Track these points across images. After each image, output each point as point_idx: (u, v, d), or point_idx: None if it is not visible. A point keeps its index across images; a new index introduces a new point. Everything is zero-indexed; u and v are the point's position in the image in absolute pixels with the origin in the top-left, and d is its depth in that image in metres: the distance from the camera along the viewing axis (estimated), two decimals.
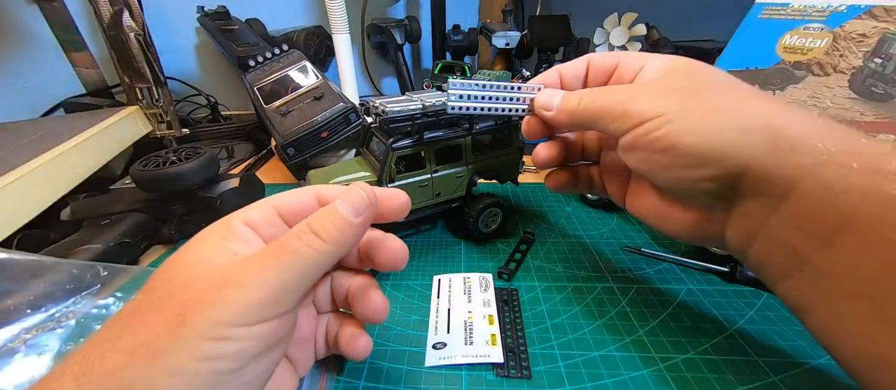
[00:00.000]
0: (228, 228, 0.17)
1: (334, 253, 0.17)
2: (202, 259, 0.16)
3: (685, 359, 0.24)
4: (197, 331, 0.14)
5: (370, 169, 0.34)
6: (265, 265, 0.15)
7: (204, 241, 0.17)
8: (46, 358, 0.22)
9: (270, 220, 0.19)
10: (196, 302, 0.14)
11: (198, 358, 0.13)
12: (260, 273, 0.15)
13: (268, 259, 0.16)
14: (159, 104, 0.54)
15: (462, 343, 0.26)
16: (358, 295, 0.21)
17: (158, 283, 0.16)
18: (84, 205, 0.38)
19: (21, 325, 0.23)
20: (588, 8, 0.75)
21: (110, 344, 0.14)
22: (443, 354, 0.25)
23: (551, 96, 0.24)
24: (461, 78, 0.26)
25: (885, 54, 0.39)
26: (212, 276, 0.15)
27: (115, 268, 0.28)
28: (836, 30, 0.43)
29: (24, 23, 0.62)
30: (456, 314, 0.28)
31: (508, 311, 0.28)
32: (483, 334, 0.26)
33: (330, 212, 0.17)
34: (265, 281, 0.15)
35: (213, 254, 0.16)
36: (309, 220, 0.17)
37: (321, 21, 0.78)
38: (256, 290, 0.15)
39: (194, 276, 0.15)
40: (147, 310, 0.14)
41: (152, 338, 0.13)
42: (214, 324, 0.14)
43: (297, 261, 0.16)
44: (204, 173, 0.36)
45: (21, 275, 0.25)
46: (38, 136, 0.42)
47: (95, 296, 0.26)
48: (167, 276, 0.16)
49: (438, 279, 0.32)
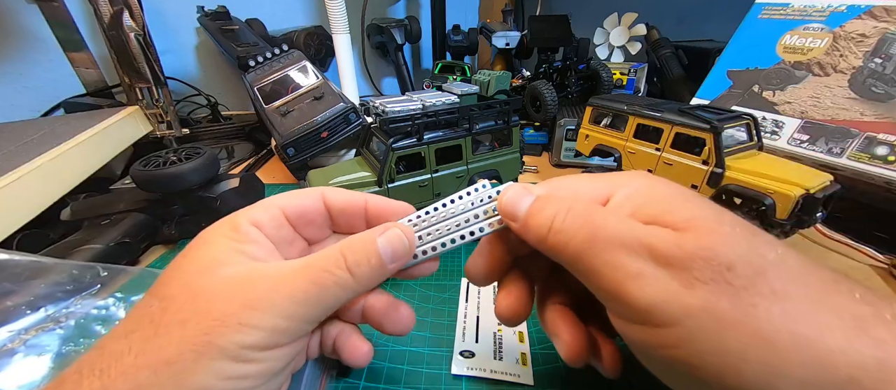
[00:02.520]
0: (236, 229, 0.17)
1: (360, 292, 0.17)
2: (219, 264, 0.16)
3: None
4: (224, 353, 0.14)
5: (370, 169, 0.34)
6: (292, 293, 0.15)
7: (213, 243, 0.17)
8: (46, 359, 0.22)
9: (277, 222, 0.19)
10: (223, 324, 0.14)
11: (223, 378, 0.14)
12: (287, 302, 0.15)
13: (297, 286, 0.15)
14: (159, 104, 0.54)
15: (491, 356, 0.25)
16: (387, 312, 0.19)
17: (174, 289, 0.15)
18: (84, 205, 0.38)
19: (20, 326, 0.23)
20: (588, 8, 0.75)
21: (132, 357, 0.13)
22: (471, 364, 0.24)
23: (516, 199, 0.17)
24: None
25: (885, 54, 0.39)
26: (238, 292, 0.15)
27: (114, 268, 0.28)
28: (836, 30, 0.43)
29: (24, 23, 0.62)
30: (485, 323, 0.27)
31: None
32: (513, 351, 0.25)
33: (367, 249, 0.17)
34: (292, 312, 0.15)
35: (229, 259, 0.16)
36: (345, 254, 0.16)
37: (321, 21, 0.78)
38: (283, 319, 0.15)
39: (217, 290, 0.15)
40: (169, 322, 0.14)
41: (178, 357, 0.13)
42: (241, 347, 0.14)
43: (325, 296, 0.16)
44: (204, 173, 0.36)
45: (21, 275, 0.25)
46: (38, 136, 0.42)
47: (95, 297, 0.26)
48: (184, 281, 0.15)
49: (467, 282, 0.31)
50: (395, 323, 0.19)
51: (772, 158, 0.35)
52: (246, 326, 0.14)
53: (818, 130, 0.40)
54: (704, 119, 0.33)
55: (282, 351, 0.15)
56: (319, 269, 0.16)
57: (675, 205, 0.15)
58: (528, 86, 0.58)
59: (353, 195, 0.21)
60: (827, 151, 0.39)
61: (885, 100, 0.37)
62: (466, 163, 0.34)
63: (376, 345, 0.26)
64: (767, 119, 0.44)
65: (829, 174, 0.32)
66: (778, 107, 0.44)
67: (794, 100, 0.43)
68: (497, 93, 0.59)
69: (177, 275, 0.16)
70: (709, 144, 0.33)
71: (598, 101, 0.43)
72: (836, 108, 0.40)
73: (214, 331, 0.14)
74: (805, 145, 0.40)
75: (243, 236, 0.17)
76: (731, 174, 0.32)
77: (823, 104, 0.41)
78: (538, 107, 0.57)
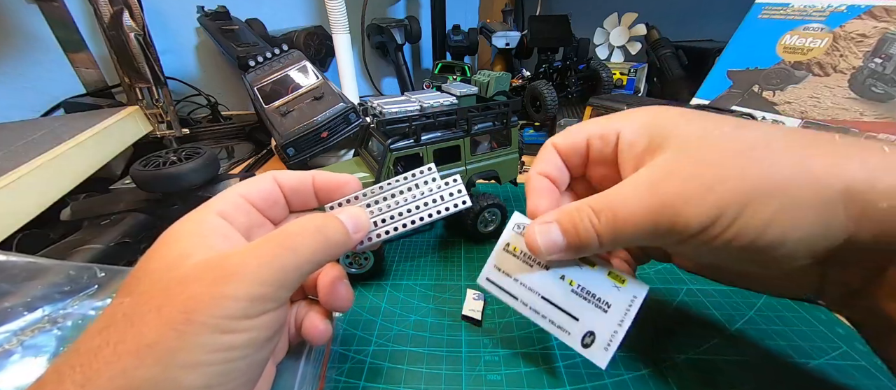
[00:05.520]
0: (203, 223, 0.18)
1: (328, 256, 0.18)
2: (186, 256, 0.16)
3: (685, 359, 0.24)
4: (206, 327, 0.14)
5: (368, 169, 0.34)
6: (264, 260, 0.16)
7: (181, 240, 0.17)
8: (43, 360, 0.22)
9: (243, 209, 0.19)
10: (198, 299, 0.14)
11: (210, 351, 0.14)
12: (260, 269, 0.15)
13: (267, 253, 0.16)
14: (159, 104, 0.54)
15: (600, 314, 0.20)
16: (326, 286, 0.21)
17: (144, 284, 0.15)
18: (84, 205, 0.38)
19: (17, 326, 0.23)
20: (588, 8, 0.75)
21: (111, 348, 0.14)
22: (602, 342, 0.20)
23: (547, 234, 0.19)
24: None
25: (885, 54, 0.39)
26: (208, 270, 0.15)
27: (112, 269, 0.28)
28: (836, 30, 0.43)
29: (24, 23, 0.62)
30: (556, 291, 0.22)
31: None
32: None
33: (334, 220, 0.19)
34: (266, 277, 0.16)
35: (197, 251, 0.16)
36: (314, 221, 0.18)
37: (321, 21, 0.78)
38: (258, 286, 0.15)
39: (188, 274, 0.15)
40: (144, 311, 0.14)
41: (159, 339, 0.13)
42: (220, 318, 0.14)
43: (297, 257, 0.17)
44: (204, 173, 0.36)
45: (17, 276, 0.25)
46: (38, 136, 0.42)
47: (92, 298, 0.26)
48: (153, 276, 0.15)
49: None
50: (335, 298, 0.21)
51: None
52: (222, 298, 0.14)
53: (818, 130, 0.40)
54: None
55: (264, 318, 0.16)
56: (288, 235, 0.17)
57: (676, 126, 0.17)
58: (528, 86, 0.58)
59: (300, 174, 0.21)
60: None
61: (885, 100, 0.37)
62: (465, 164, 0.34)
63: (376, 345, 0.26)
64: (767, 119, 0.44)
65: None
66: (778, 108, 0.44)
67: (794, 101, 0.43)
68: (496, 94, 0.59)
69: (145, 273, 0.16)
70: None
71: (598, 101, 0.43)
72: (835, 108, 0.40)
73: (192, 309, 0.14)
74: None
75: (207, 228, 0.17)
76: None
77: (823, 104, 0.41)
78: (538, 107, 0.57)
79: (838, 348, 0.25)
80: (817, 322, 0.27)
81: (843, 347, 0.25)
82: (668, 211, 0.16)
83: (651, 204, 0.16)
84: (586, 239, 0.18)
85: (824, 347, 0.25)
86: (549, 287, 0.20)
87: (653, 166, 0.17)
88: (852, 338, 0.25)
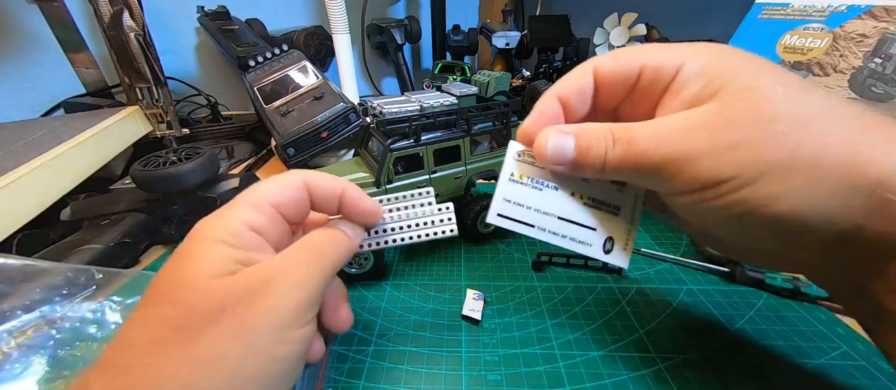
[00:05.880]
0: (233, 234, 0.17)
1: (345, 261, 0.20)
2: (224, 270, 0.16)
3: (685, 359, 0.24)
4: (267, 338, 0.15)
5: (368, 169, 0.34)
6: (304, 271, 0.17)
7: (211, 252, 0.16)
8: (41, 361, 0.22)
9: (273, 219, 0.19)
10: (256, 310, 0.15)
11: (272, 360, 0.15)
12: (302, 278, 0.17)
13: (305, 264, 0.17)
14: (159, 104, 0.54)
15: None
16: (332, 310, 0.21)
17: (191, 294, 0.15)
18: (84, 205, 0.38)
19: (13, 327, 0.23)
20: (588, 8, 0.75)
21: (184, 364, 0.14)
22: (620, 244, 0.21)
23: (559, 144, 0.18)
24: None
25: (885, 54, 0.39)
26: (258, 283, 0.16)
27: (109, 271, 0.28)
28: (836, 30, 0.43)
29: (24, 23, 0.62)
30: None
31: None
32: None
33: (342, 235, 0.21)
34: (308, 282, 0.17)
35: (232, 264, 0.16)
36: (330, 233, 0.20)
37: (321, 21, 0.78)
38: (303, 291, 0.17)
39: (237, 287, 0.15)
40: (202, 325, 0.14)
41: (229, 350, 0.14)
42: (279, 329, 0.15)
43: (328, 265, 0.18)
44: (204, 173, 0.36)
45: (15, 278, 0.25)
46: (38, 136, 0.42)
47: (90, 300, 0.26)
48: (201, 287, 0.15)
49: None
50: (338, 319, 0.21)
51: None
52: (276, 308, 0.15)
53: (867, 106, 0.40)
54: None
55: (308, 328, 0.17)
56: (318, 244, 0.19)
57: (735, 76, 0.16)
58: (528, 86, 0.58)
59: (332, 181, 0.21)
60: None
61: (885, 101, 0.37)
62: (465, 164, 0.34)
63: (376, 345, 0.26)
64: None
65: None
66: None
67: None
68: (496, 94, 0.59)
69: (184, 281, 0.15)
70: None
71: None
72: None
73: (251, 319, 0.15)
74: None
75: (240, 241, 0.17)
76: None
77: None
78: None
79: (838, 348, 0.25)
80: (817, 322, 0.27)
81: (843, 347, 0.25)
82: (683, 159, 0.15)
83: (668, 147, 0.16)
84: (592, 162, 0.17)
85: (824, 347, 0.25)
86: (563, 206, 0.20)
87: (693, 113, 0.16)
88: (852, 338, 0.25)
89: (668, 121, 0.16)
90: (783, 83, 0.15)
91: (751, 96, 0.15)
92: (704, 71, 0.16)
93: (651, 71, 0.17)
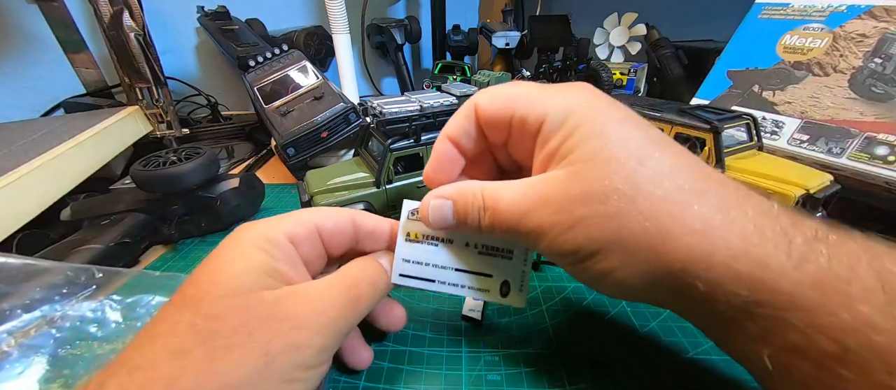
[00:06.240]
0: (273, 243, 0.18)
1: (376, 305, 0.20)
2: (260, 285, 0.16)
3: (685, 359, 0.24)
4: (279, 374, 0.15)
5: (368, 169, 0.34)
6: (337, 311, 0.17)
7: (249, 257, 0.17)
8: (41, 361, 0.22)
9: (312, 239, 0.19)
10: (278, 343, 0.15)
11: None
12: (333, 320, 0.17)
13: (339, 304, 0.17)
14: (159, 104, 0.54)
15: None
16: (383, 310, 0.23)
17: (221, 310, 0.15)
18: (84, 205, 0.38)
19: (14, 326, 0.23)
20: (588, 8, 0.75)
21: (190, 381, 0.14)
22: (516, 285, 0.22)
23: (439, 209, 0.19)
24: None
25: (885, 54, 0.39)
26: (289, 312, 0.16)
27: (109, 270, 0.28)
28: (836, 30, 0.43)
29: (24, 23, 0.62)
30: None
31: None
32: None
33: (380, 269, 0.20)
34: (336, 328, 0.17)
35: (267, 279, 0.16)
36: (367, 273, 0.19)
37: (321, 21, 0.78)
38: (330, 337, 0.16)
39: (266, 313, 0.15)
40: (224, 345, 0.14)
41: (240, 381, 0.14)
42: (294, 367, 0.15)
43: (360, 310, 0.18)
44: (204, 173, 0.36)
45: (15, 277, 0.25)
46: (38, 136, 0.42)
47: (90, 299, 0.26)
48: (229, 303, 0.15)
49: None
50: (390, 321, 0.22)
51: (772, 158, 0.35)
52: (299, 346, 0.15)
53: (818, 130, 0.40)
54: (704, 119, 0.33)
55: (322, 368, 0.17)
56: (356, 286, 0.18)
57: (586, 138, 0.16)
58: None
59: (382, 222, 0.22)
60: (827, 151, 0.39)
61: (885, 100, 0.37)
62: None
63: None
64: (767, 119, 0.44)
65: (829, 174, 0.32)
66: (778, 108, 0.44)
67: (794, 101, 0.43)
68: None
69: (215, 289, 0.16)
70: (709, 144, 0.33)
71: None
72: (835, 108, 0.40)
73: (271, 351, 0.15)
74: (805, 145, 0.40)
75: (279, 251, 0.18)
76: (731, 174, 0.32)
77: (823, 104, 0.41)
78: None
79: None
80: None
81: None
82: (537, 232, 0.17)
83: (527, 221, 0.17)
84: (471, 225, 0.19)
85: None
86: (458, 257, 0.21)
87: (545, 183, 0.17)
88: None
89: (525, 189, 0.17)
90: (625, 148, 0.16)
91: (590, 169, 0.16)
92: (563, 124, 0.17)
93: (518, 120, 0.18)
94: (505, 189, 0.18)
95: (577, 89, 0.18)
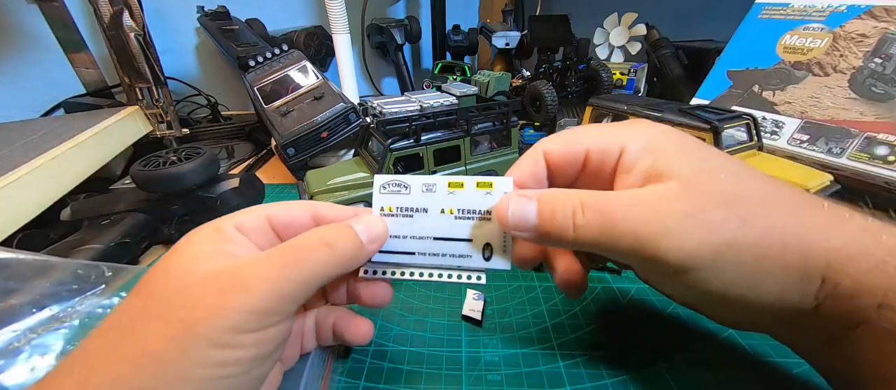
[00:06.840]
0: (220, 231, 0.17)
1: (338, 268, 0.18)
2: (198, 261, 0.16)
3: (685, 359, 0.24)
4: (205, 339, 0.14)
5: (368, 169, 0.34)
6: (270, 272, 0.15)
7: (196, 245, 0.17)
8: (50, 358, 0.22)
9: (263, 229, 0.19)
10: (201, 309, 0.14)
11: (207, 365, 0.14)
12: (265, 282, 0.15)
13: (274, 265, 0.16)
14: (159, 104, 0.54)
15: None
16: (366, 286, 0.22)
17: (155, 287, 0.15)
18: (84, 205, 0.38)
19: (25, 324, 0.23)
20: (588, 8, 0.75)
21: (115, 352, 0.14)
22: (498, 248, 0.21)
23: (520, 209, 0.17)
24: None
25: (885, 54, 0.39)
26: (214, 280, 0.15)
27: (119, 267, 0.28)
28: (836, 30, 0.43)
29: (24, 23, 0.62)
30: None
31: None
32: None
33: (345, 230, 0.18)
34: (271, 290, 0.15)
35: (209, 258, 0.16)
36: (323, 233, 0.18)
37: (321, 21, 0.78)
38: (261, 300, 0.15)
39: (194, 281, 0.15)
40: (148, 317, 0.14)
41: (160, 348, 0.13)
42: (221, 331, 0.14)
43: (304, 271, 0.16)
44: (204, 173, 0.36)
45: (25, 274, 0.25)
46: (38, 136, 0.42)
47: (100, 296, 0.26)
48: (164, 279, 0.15)
49: None
50: (374, 296, 0.22)
51: (772, 158, 0.35)
52: (226, 309, 0.14)
53: (818, 130, 0.40)
54: (705, 119, 0.34)
55: (268, 332, 0.15)
56: (295, 247, 0.17)
57: (681, 156, 0.17)
58: (528, 86, 0.58)
59: (346, 209, 0.21)
60: (827, 151, 0.39)
61: (885, 100, 0.37)
62: (465, 164, 0.34)
63: (376, 345, 0.26)
64: (767, 119, 0.44)
65: (829, 174, 0.32)
66: (778, 108, 0.44)
67: (794, 101, 0.43)
68: (496, 94, 0.59)
69: (158, 275, 0.16)
70: (709, 144, 0.33)
71: (598, 102, 0.43)
72: (835, 108, 0.40)
73: (191, 318, 0.14)
74: (805, 145, 0.40)
75: (226, 238, 0.17)
76: None
77: (823, 104, 0.41)
78: (538, 107, 0.57)
79: None
80: None
81: None
82: (656, 237, 0.15)
83: (646, 223, 0.15)
84: (560, 229, 0.17)
85: None
86: (436, 225, 0.20)
87: (660, 188, 0.16)
88: None
89: (639, 192, 0.17)
90: (723, 168, 0.16)
91: (704, 180, 0.16)
92: (649, 147, 0.17)
93: (597, 153, 0.18)
94: (606, 193, 0.17)
95: (639, 121, 0.19)
